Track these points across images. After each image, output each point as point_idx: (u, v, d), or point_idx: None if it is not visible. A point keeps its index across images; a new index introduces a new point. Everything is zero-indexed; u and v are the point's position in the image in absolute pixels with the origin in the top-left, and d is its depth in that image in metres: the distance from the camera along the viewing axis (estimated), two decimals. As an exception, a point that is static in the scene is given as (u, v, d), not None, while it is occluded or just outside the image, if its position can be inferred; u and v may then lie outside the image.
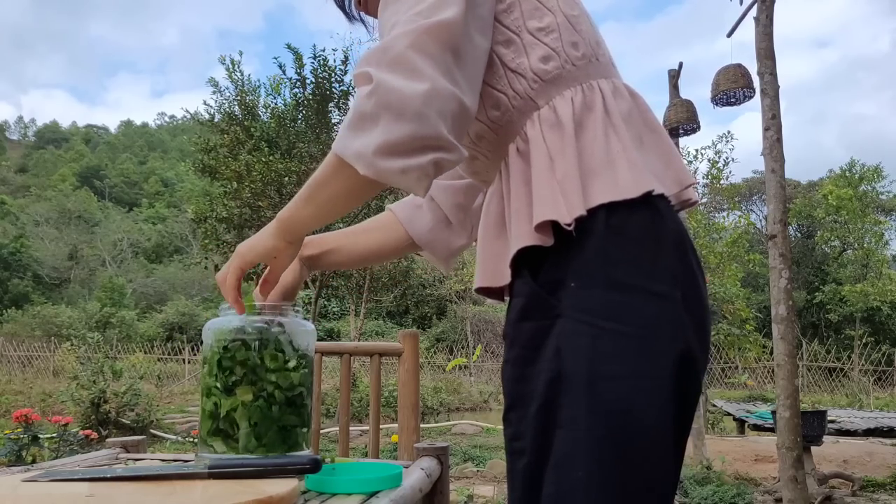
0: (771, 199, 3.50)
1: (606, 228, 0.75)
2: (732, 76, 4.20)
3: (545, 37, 0.82)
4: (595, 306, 0.74)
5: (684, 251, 0.79)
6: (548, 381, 0.74)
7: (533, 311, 0.78)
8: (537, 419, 0.76)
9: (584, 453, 0.72)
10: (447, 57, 0.74)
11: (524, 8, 0.83)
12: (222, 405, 0.94)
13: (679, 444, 0.80)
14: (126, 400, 8.23)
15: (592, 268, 0.75)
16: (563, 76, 0.82)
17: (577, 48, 0.83)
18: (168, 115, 76.99)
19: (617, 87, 0.85)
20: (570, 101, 0.81)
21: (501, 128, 0.85)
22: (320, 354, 1.74)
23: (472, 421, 9.74)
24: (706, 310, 0.82)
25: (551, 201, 0.76)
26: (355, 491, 0.88)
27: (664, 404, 0.73)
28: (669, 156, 0.84)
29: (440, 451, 1.19)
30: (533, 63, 0.82)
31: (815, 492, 4.33)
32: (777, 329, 3.38)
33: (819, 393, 15.18)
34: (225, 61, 11.38)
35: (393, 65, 0.73)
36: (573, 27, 0.84)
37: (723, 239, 11.31)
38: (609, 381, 0.72)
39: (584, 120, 0.80)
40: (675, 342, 0.75)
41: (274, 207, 10.30)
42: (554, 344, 0.75)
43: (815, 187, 23.84)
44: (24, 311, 24.64)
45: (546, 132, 0.80)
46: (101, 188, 53.42)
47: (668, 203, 0.81)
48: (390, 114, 0.71)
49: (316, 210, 0.86)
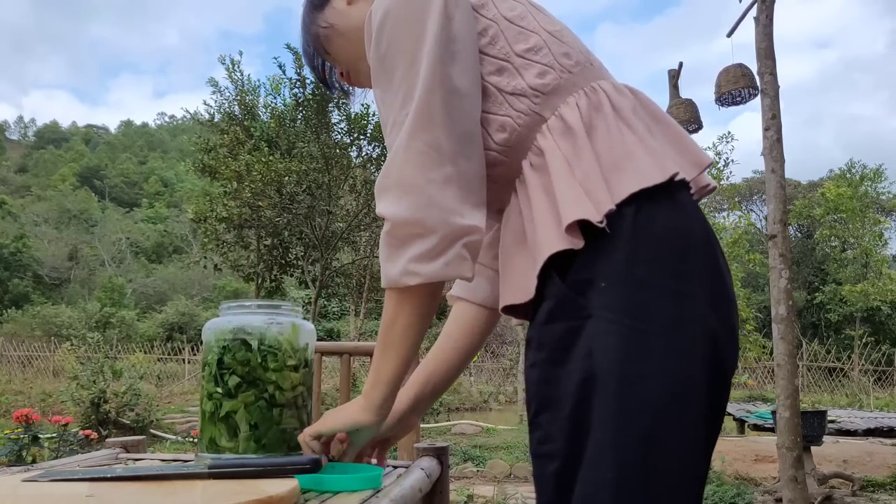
0: (771, 199, 3.50)
1: (633, 226, 0.75)
2: (736, 76, 4.20)
3: (535, 55, 0.84)
4: (624, 305, 0.74)
5: (711, 248, 0.80)
6: (580, 382, 0.74)
7: (562, 312, 0.77)
8: (570, 421, 0.75)
9: (612, 454, 0.71)
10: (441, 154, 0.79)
11: (507, 35, 0.85)
12: (222, 406, 0.94)
13: (709, 443, 0.79)
14: (126, 400, 8.22)
15: (620, 267, 0.75)
16: (562, 85, 0.83)
17: (569, 57, 0.85)
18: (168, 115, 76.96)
19: (617, 86, 0.86)
20: (575, 106, 0.82)
21: (511, 149, 0.85)
22: (320, 354, 1.75)
23: (472, 421, 9.73)
24: (733, 307, 0.82)
25: (577, 202, 0.76)
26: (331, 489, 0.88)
27: (693, 404, 0.73)
28: (682, 141, 0.84)
29: (440, 451, 1.19)
30: (530, 81, 0.83)
31: (815, 492, 4.33)
32: (777, 329, 3.38)
33: (819, 393, 15.18)
34: (225, 61, 11.39)
35: (397, 192, 0.80)
36: (559, 40, 0.86)
37: (723, 239, 11.32)
38: (640, 381, 0.72)
39: (594, 121, 0.81)
40: (702, 341, 0.75)
41: (274, 207, 10.31)
42: (586, 344, 0.74)
43: (815, 187, 23.84)
44: (24, 311, 24.66)
45: (559, 140, 0.81)
46: (101, 188, 53.43)
47: (690, 195, 0.82)
48: (412, 239, 0.79)
49: (396, 353, 0.86)
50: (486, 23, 0.85)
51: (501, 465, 5.89)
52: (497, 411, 12.67)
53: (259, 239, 11.27)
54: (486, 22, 0.85)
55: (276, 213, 10.46)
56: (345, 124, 10.84)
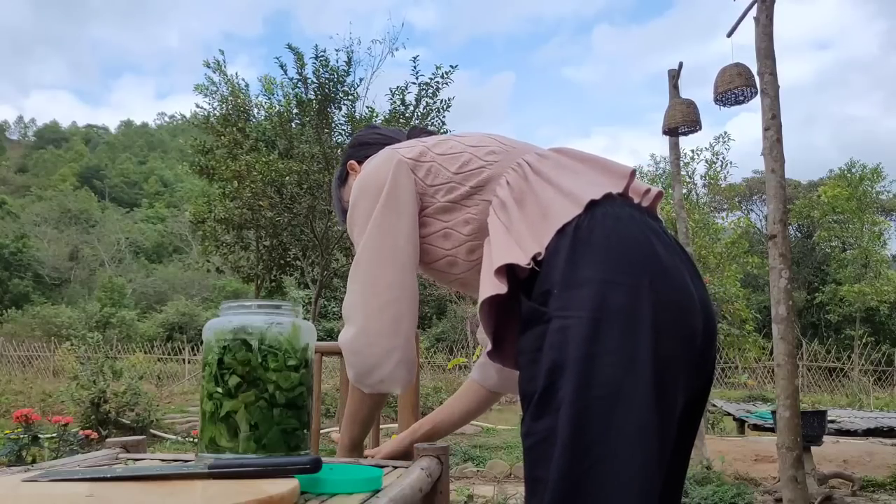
0: (771, 199, 3.50)
1: (572, 241, 0.92)
2: (735, 75, 4.20)
3: (467, 167, 1.10)
4: (574, 302, 0.89)
5: (646, 239, 0.93)
6: (547, 371, 0.88)
7: (531, 322, 0.93)
8: (539, 405, 0.89)
9: (567, 425, 0.84)
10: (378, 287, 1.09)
11: (444, 165, 1.12)
12: (223, 406, 0.94)
13: (691, 405, 0.96)
14: (126, 400, 8.22)
15: (567, 274, 0.90)
16: (494, 174, 1.08)
17: (493, 153, 1.11)
18: (168, 115, 76.89)
19: (540, 153, 1.09)
20: (506, 184, 1.06)
21: (478, 232, 1.09)
22: (320, 354, 1.75)
23: (472, 421, 9.73)
24: (685, 290, 0.94)
25: (507, 252, 0.97)
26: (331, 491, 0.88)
27: (646, 373, 0.85)
28: (606, 166, 1.04)
29: (440, 450, 1.19)
30: (471, 183, 1.09)
31: (815, 492, 4.33)
32: (777, 329, 3.38)
33: (819, 393, 15.17)
34: (210, 64, 11.36)
35: (346, 322, 1.12)
36: (480, 145, 1.12)
37: (722, 239, 11.32)
38: (590, 360, 0.85)
39: (522, 189, 1.04)
40: (644, 321, 0.87)
41: (273, 208, 10.29)
42: (550, 340, 0.89)
43: (815, 187, 23.85)
44: (24, 311, 24.65)
45: (499, 214, 1.04)
46: (101, 188, 53.41)
47: (622, 203, 0.98)
48: (358, 363, 1.12)
49: (362, 425, 1.23)
50: (428, 165, 1.12)
51: (501, 465, 5.89)
52: (497, 411, 12.64)
53: (259, 240, 11.25)
54: (427, 165, 1.12)
55: (276, 214, 10.45)
56: (347, 125, 10.82)
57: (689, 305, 0.93)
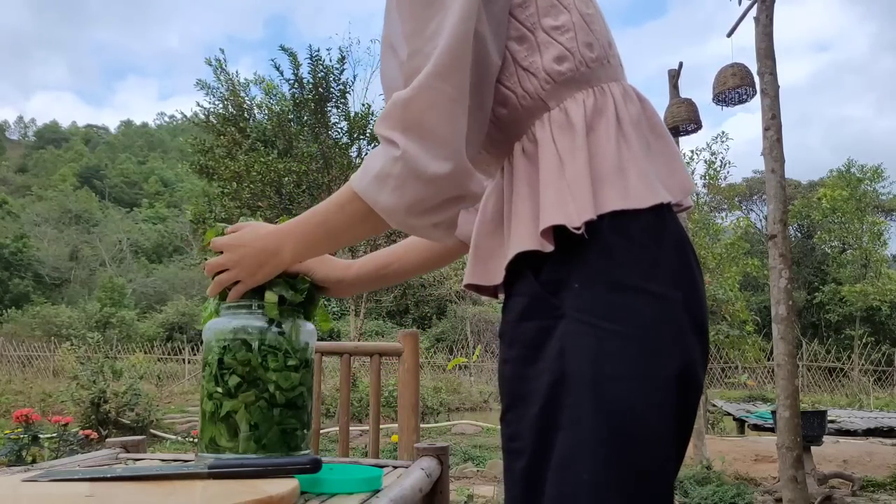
0: (771, 199, 3.50)
1: (610, 230, 0.74)
2: (735, 75, 4.21)
3: (560, 36, 0.80)
4: (598, 307, 0.73)
5: (684, 252, 0.80)
6: (551, 382, 0.74)
7: (535, 311, 0.77)
8: (539, 419, 0.75)
9: (588, 455, 0.71)
10: (461, 107, 0.75)
11: (540, 4, 0.81)
12: (223, 406, 0.94)
13: (680, 444, 0.80)
14: (126, 400, 8.22)
15: (595, 269, 0.74)
16: (575, 78, 0.80)
17: (591, 49, 0.82)
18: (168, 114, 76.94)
19: (627, 91, 0.83)
20: (581, 103, 0.79)
21: (507, 126, 0.83)
22: (320, 354, 1.75)
23: (472, 421, 9.74)
24: (705, 310, 0.82)
25: (560, 204, 0.74)
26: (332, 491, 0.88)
27: (666, 404, 0.74)
28: (674, 162, 0.83)
29: (440, 450, 1.19)
30: (546, 63, 0.80)
31: (815, 492, 4.33)
32: (777, 329, 3.38)
33: (819, 393, 15.18)
34: (211, 63, 11.40)
35: (416, 130, 0.75)
36: (588, 26, 0.82)
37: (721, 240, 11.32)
38: (612, 382, 0.72)
39: (595, 124, 0.78)
40: (675, 343, 0.75)
41: (273, 208, 10.30)
42: (557, 345, 0.74)
43: (815, 187, 23.85)
44: (24, 311, 24.64)
45: (556, 134, 0.78)
46: (101, 188, 53.42)
47: (669, 207, 0.81)
48: (418, 181, 0.76)
49: (335, 246, 0.92)
50: None
51: (501, 464, 5.88)
52: (497, 411, 12.59)
53: (259, 239, 11.25)
54: None
55: (275, 214, 10.46)
56: (345, 124, 10.84)
57: (706, 327, 0.83)
